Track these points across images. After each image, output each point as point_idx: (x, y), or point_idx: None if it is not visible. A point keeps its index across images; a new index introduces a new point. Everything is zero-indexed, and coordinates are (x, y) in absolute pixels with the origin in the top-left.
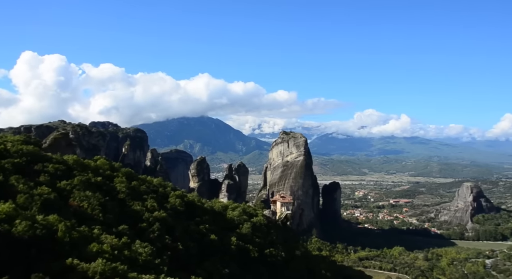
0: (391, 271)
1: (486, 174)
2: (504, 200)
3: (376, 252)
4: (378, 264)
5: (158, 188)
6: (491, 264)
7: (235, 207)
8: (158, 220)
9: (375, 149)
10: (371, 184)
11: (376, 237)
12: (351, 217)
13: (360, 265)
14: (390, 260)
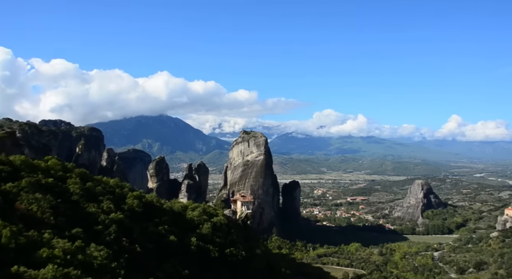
0: (348, 267)
1: (435, 172)
2: (450, 196)
3: (334, 249)
4: (336, 260)
5: (115, 189)
6: (438, 256)
7: (195, 207)
8: (115, 221)
9: (333, 148)
10: (329, 183)
11: (334, 234)
12: (310, 215)
13: (318, 261)
14: (347, 256)
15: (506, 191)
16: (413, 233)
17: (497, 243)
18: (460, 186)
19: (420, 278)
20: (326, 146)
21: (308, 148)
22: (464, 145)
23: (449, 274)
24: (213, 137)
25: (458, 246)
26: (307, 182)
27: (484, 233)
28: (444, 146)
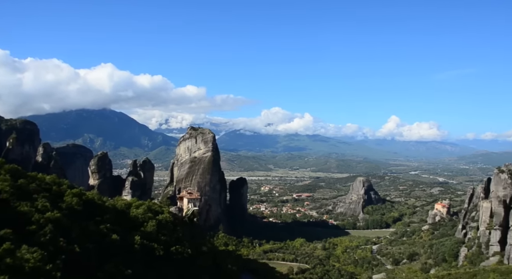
0: (293, 262)
1: (376, 169)
2: (388, 192)
3: (279, 244)
4: (281, 255)
5: (52, 186)
6: (377, 249)
7: (140, 205)
8: (51, 221)
9: (281, 145)
10: (276, 179)
11: (280, 230)
12: (257, 211)
13: (264, 257)
14: (292, 251)
15: (436, 187)
16: (354, 228)
17: (428, 235)
18: (397, 182)
19: (360, 270)
20: (274, 143)
21: (255, 145)
22: (401, 144)
23: (385, 266)
24: (160, 133)
25: (394, 239)
26: (255, 179)
27: (417, 226)
28: (384, 145)
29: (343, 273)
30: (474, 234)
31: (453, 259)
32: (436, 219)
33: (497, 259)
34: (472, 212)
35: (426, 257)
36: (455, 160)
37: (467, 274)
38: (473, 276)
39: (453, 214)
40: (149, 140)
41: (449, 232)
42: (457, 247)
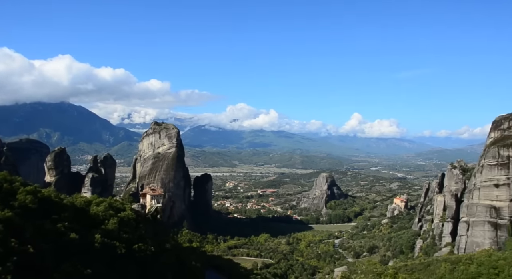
0: (258, 257)
1: (338, 165)
2: (350, 187)
3: (244, 240)
4: (246, 251)
5: (2, 184)
6: (339, 243)
7: (100, 202)
8: (1, 221)
9: (246, 141)
10: (241, 175)
11: (244, 226)
12: (221, 207)
13: (229, 253)
14: (256, 246)
15: (395, 182)
16: (317, 223)
17: (387, 229)
18: (359, 178)
19: (322, 263)
20: (239, 139)
21: (220, 141)
22: (363, 140)
23: (347, 259)
24: (122, 128)
25: (355, 233)
26: (219, 175)
27: (377, 220)
28: (346, 141)
29: (307, 267)
30: (429, 226)
31: (409, 250)
32: (395, 213)
33: (448, 250)
34: (427, 206)
35: (385, 249)
36: (413, 156)
37: (422, 264)
38: (427, 266)
39: (410, 208)
40: (110, 135)
41: (407, 225)
42: (413, 239)
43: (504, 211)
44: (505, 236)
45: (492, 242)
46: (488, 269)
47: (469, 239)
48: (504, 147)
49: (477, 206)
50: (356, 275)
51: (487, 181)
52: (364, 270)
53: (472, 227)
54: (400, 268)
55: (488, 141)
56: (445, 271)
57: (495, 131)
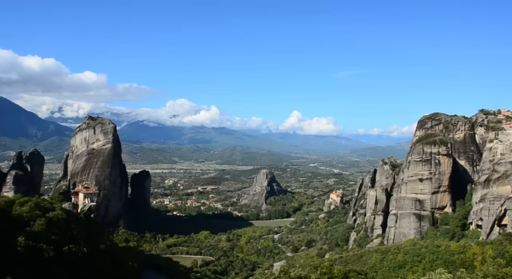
0: (197, 255)
1: (278, 162)
2: (290, 183)
3: (184, 238)
4: (186, 249)
5: None
6: (278, 238)
7: (25, 202)
8: None
9: (186, 137)
10: (181, 172)
11: (184, 224)
12: (160, 205)
13: (168, 252)
14: (196, 244)
15: (332, 178)
16: (257, 219)
17: (324, 223)
18: (298, 174)
19: (262, 259)
20: (179, 135)
21: (160, 137)
22: (302, 138)
23: (286, 253)
24: (52, 122)
25: (294, 228)
26: (158, 172)
27: (314, 215)
28: (286, 138)
29: (247, 263)
30: (362, 219)
31: (344, 243)
32: (331, 208)
33: (379, 241)
34: (361, 200)
35: (322, 243)
36: (348, 153)
37: (355, 256)
38: (360, 257)
39: (345, 203)
40: (38, 129)
41: (342, 219)
42: (348, 232)
43: (427, 203)
44: (427, 226)
45: (417, 232)
46: (413, 257)
47: (397, 230)
48: (428, 144)
49: (404, 199)
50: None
51: (413, 176)
52: (302, 264)
53: (400, 219)
54: (336, 260)
55: (414, 138)
56: (375, 261)
57: (420, 130)
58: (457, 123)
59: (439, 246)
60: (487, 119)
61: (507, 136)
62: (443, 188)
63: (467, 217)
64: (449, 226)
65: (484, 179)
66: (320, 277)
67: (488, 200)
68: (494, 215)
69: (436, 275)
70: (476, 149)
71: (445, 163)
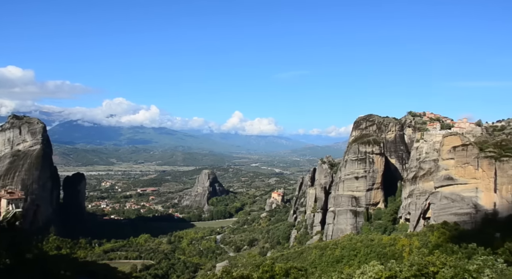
0: (137, 259)
1: (220, 162)
2: (232, 183)
3: (122, 242)
4: (124, 254)
5: None
6: (220, 238)
7: None
8: None
9: (124, 138)
10: (119, 174)
11: (123, 227)
12: (97, 209)
13: (105, 258)
14: (136, 248)
15: (273, 178)
16: (200, 220)
17: (265, 222)
18: (240, 174)
19: (205, 260)
20: (117, 136)
21: (96, 137)
22: (244, 138)
23: (228, 253)
24: None
25: (237, 227)
26: (94, 174)
27: (256, 214)
28: (228, 139)
29: (189, 265)
30: (302, 217)
31: (285, 241)
32: (273, 207)
33: (318, 237)
34: (301, 199)
35: (264, 241)
36: (289, 152)
37: (296, 253)
38: (300, 254)
39: (286, 201)
40: None
41: (283, 217)
42: (289, 230)
43: (362, 199)
44: (362, 222)
45: (353, 227)
46: (349, 252)
47: (335, 226)
48: (363, 144)
49: (342, 197)
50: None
51: (349, 174)
52: (244, 263)
53: (338, 215)
54: (277, 258)
55: (350, 138)
56: (315, 257)
57: (356, 130)
58: (388, 124)
59: (373, 240)
60: (414, 121)
61: (431, 137)
62: (376, 185)
63: (397, 211)
64: (381, 221)
65: (412, 176)
66: (262, 275)
67: (415, 195)
68: (420, 209)
69: (370, 268)
70: (405, 148)
71: (378, 162)
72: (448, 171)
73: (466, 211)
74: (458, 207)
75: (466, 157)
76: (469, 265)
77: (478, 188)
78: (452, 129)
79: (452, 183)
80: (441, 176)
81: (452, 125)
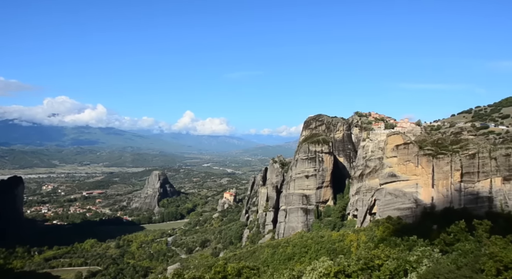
0: (82, 266)
1: (171, 163)
2: (183, 184)
3: (65, 249)
4: (68, 261)
5: None
6: (172, 240)
7: None
8: None
9: (68, 138)
10: (62, 177)
11: (66, 233)
12: (37, 214)
13: (46, 266)
14: (81, 254)
15: (225, 178)
16: (150, 222)
17: (218, 222)
18: (191, 175)
19: (155, 263)
20: (60, 136)
21: (35, 138)
22: (195, 138)
23: (180, 255)
24: None
25: (188, 229)
26: (34, 177)
27: (208, 215)
28: (179, 139)
29: (138, 269)
30: (255, 216)
31: (238, 240)
32: (225, 207)
33: (270, 236)
34: (253, 198)
35: (216, 242)
36: (241, 152)
37: (249, 252)
38: (253, 253)
39: (239, 201)
40: None
41: (236, 217)
42: (241, 230)
43: (312, 198)
44: (313, 219)
45: (304, 225)
46: (300, 249)
47: (287, 225)
48: (313, 144)
49: (293, 195)
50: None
51: (300, 173)
52: (196, 265)
53: (289, 213)
54: (230, 258)
55: (300, 138)
56: (267, 255)
57: (306, 130)
58: (337, 124)
59: (323, 236)
60: (360, 121)
61: (376, 136)
62: (326, 183)
63: (345, 208)
64: (331, 218)
65: (359, 174)
66: (214, 276)
67: (362, 192)
68: (367, 205)
69: (320, 264)
70: (353, 147)
71: (327, 160)
72: (392, 168)
73: (407, 205)
74: (401, 202)
75: (408, 155)
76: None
77: (418, 183)
78: (395, 129)
79: (395, 180)
80: (385, 173)
81: (395, 125)
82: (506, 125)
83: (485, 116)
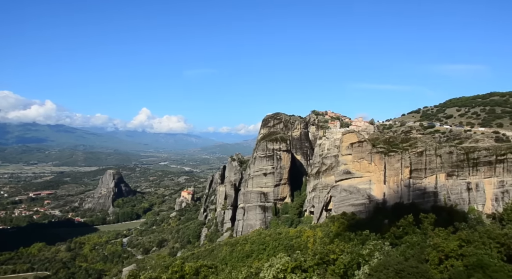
0: (28, 272)
1: (126, 161)
2: (139, 183)
3: (9, 255)
4: (11, 267)
5: None
6: (127, 241)
7: None
8: None
9: (12, 136)
10: (5, 177)
11: (10, 237)
12: None
13: None
14: (27, 259)
15: (183, 176)
16: (104, 223)
17: (175, 221)
18: (148, 173)
19: (110, 265)
20: (3, 134)
21: None
22: (152, 136)
23: (136, 256)
24: None
25: (145, 229)
26: None
27: (165, 214)
28: (135, 137)
29: (91, 272)
30: (213, 215)
31: (196, 239)
32: (183, 205)
33: (229, 234)
34: (211, 196)
35: (174, 241)
36: (199, 150)
37: (207, 251)
38: (211, 252)
39: (197, 200)
40: None
41: (194, 216)
42: (199, 229)
43: (270, 195)
44: (271, 216)
45: (262, 222)
46: (259, 246)
47: (245, 222)
48: (271, 141)
49: (251, 193)
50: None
51: (258, 171)
52: (153, 265)
53: (247, 211)
54: (188, 257)
55: (259, 136)
56: (225, 253)
57: (264, 128)
58: (294, 122)
59: (281, 233)
60: (317, 119)
61: (332, 134)
62: (283, 180)
63: (302, 205)
64: (288, 215)
65: (316, 171)
66: (172, 276)
67: (318, 189)
68: (323, 201)
69: (277, 260)
70: (310, 145)
71: (285, 158)
72: (347, 165)
73: (361, 201)
74: (355, 198)
75: (362, 153)
76: (363, 250)
77: (371, 180)
78: (350, 127)
79: (350, 177)
80: (340, 170)
81: (350, 124)
82: (450, 125)
83: (431, 116)
